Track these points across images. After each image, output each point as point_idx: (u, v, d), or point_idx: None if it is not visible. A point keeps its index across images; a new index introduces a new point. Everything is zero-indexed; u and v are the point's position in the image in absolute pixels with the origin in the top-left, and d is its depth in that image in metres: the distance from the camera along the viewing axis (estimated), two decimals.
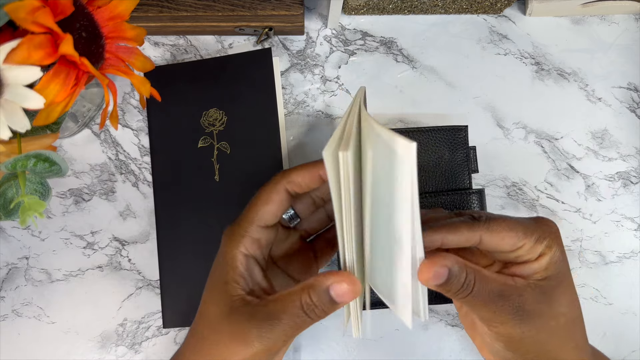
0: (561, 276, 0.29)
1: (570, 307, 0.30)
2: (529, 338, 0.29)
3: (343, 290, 0.27)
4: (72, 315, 0.43)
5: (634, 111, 0.46)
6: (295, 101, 0.46)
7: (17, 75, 0.24)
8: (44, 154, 0.27)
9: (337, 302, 0.27)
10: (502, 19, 0.47)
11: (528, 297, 0.28)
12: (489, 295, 0.28)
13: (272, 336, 0.27)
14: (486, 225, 0.29)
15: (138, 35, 0.32)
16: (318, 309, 0.27)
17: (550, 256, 0.29)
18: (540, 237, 0.29)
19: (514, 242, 0.29)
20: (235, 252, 0.30)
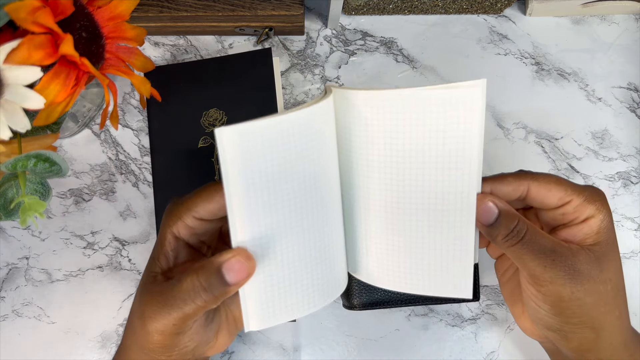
0: (611, 243, 0.29)
1: (618, 275, 0.29)
2: (577, 300, 0.28)
3: (236, 266, 0.25)
4: (72, 315, 0.43)
5: (634, 111, 0.46)
6: (295, 101, 0.46)
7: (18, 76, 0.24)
8: (44, 154, 0.27)
9: (230, 283, 0.25)
10: (502, 19, 0.47)
11: (581, 258, 0.28)
12: (541, 248, 0.28)
13: (160, 318, 0.26)
14: (534, 176, 0.29)
15: (138, 35, 0.32)
16: (206, 293, 0.25)
17: (601, 219, 0.29)
18: (589, 198, 0.29)
19: (561, 195, 0.29)
20: (167, 231, 0.29)
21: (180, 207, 0.29)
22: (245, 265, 0.25)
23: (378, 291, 0.39)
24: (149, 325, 0.27)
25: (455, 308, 0.43)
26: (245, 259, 0.25)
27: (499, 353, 0.43)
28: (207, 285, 0.25)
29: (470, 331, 0.43)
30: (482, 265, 0.43)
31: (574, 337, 0.30)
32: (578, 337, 0.30)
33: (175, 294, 0.26)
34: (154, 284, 0.28)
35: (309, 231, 0.27)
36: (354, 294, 0.40)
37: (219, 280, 0.25)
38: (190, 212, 0.29)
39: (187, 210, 0.29)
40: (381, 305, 0.40)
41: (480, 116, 0.25)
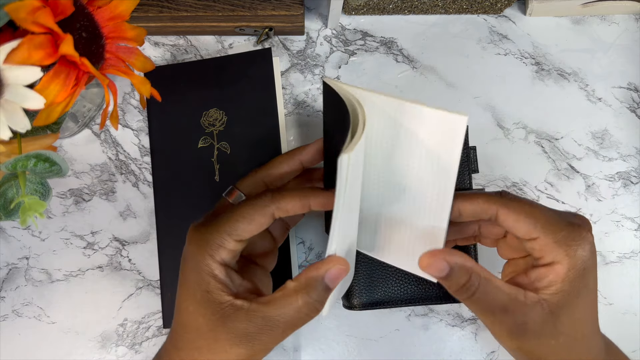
0: (575, 294, 0.27)
1: (576, 328, 0.28)
2: (526, 352, 0.29)
3: (337, 273, 0.28)
4: (72, 315, 0.43)
5: (634, 111, 0.46)
6: (295, 101, 0.46)
7: (18, 76, 0.24)
8: (44, 154, 0.27)
9: (332, 288, 0.28)
10: (502, 19, 0.47)
11: (534, 316, 0.27)
12: (490, 305, 0.27)
13: (269, 338, 0.27)
14: (505, 202, 0.28)
15: (138, 35, 0.32)
16: (318, 303, 0.28)
17: (568, 267, 0.27)
18: (561, 240, 0.27)
19: (527, 229, 0.27)
20: (211, 261, 0.29)
21: (216, 234, 0.29)
22: (344, 269, 0.28)
23: (378, 291, 0.39)
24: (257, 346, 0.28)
25: (455, 308, 0.43)
26: (343, 264, 0.28)
27: (499, 353, 0.43)
28: (317, 297, 0.28)
29: (470, 331, 0.43)
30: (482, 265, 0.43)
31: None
32: None
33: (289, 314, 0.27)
34: (242, 310, 0.28)
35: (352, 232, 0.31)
36: (354, 294, 0.40)
37: (323, 289, 0.28)
38: (232, 237, 0.29)
39: (227, 236, 0.29)
40: (381, 305, 0.40)
41: (460, 145, 0.27)
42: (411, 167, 0.29)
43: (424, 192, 0.29)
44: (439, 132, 0.27)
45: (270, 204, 0.29)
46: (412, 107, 0.27)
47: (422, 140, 0.28)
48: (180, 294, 0.30)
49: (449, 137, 0.27)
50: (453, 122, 0.26)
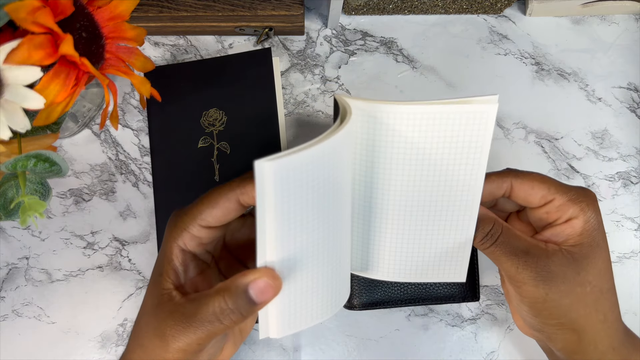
0: (595, 245, 0.29)
1: (600, 277, 0.29)
2: (552, 301, 0.28)
3: (263, 286, 0.25)
4: (72, 315, 0.43)
5: (634, 111, 0.46)
6: (295, 101, 0.46)
7: (18, 76, 0.24)
8: (44, 154, 0.27)
9: (257, 303, 0.25)
10: (502, 19, 0.47)
11: (556, 260, 0.28)
12: (513, 249, 0.28)
13: (184, 338, 0.26)
14: (517, 174, 0.30)
15: (138, 35, 0.32)
16: (234, 314, 0.26)
17: (585, 220, 0.28)
18: (574, 198, 0.29)
19: (544, 193, 0.29)
20: (173, 244, 0.28)
21: (184, 218, 0.29)
22: (272, 285, 0.25)
23: (378, 291, 0.39)
24: (172, 344, 0.26)
25: (455, 308, 0.43)
26: (272, 279, 0.25)
27: (499, 353, 0.43)
28: (235, 306, 0.25)
29: (470, 331, 0.43)
30: (482, 266, 0.43)
31: (557, 338, 0.30)
32: (561, 339, 0.30)
33: (202, 316, 0.26)
34: (171, 302, 0.27)
35: (328, 248, 0.28)
36: (354, 294, 0.40)
37: (246, 300, 0.25)
38: (196, 221, 0.28)
39: (192, 220, 0.28)
40: (381, 305, 0.40)
41: (492, 131, 0.27)
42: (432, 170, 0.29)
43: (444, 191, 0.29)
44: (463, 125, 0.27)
45: (236, 188, 0.28)
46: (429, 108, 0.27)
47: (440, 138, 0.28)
48: None
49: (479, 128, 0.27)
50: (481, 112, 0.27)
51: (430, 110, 0.27)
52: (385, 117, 0.28)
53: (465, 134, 0.28)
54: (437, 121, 0.27)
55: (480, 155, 0.28)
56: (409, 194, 0.30)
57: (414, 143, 0.28)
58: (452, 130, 0.28)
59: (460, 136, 0.28)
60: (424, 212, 0.30)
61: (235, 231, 0.34)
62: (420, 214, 0.30)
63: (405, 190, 0.30)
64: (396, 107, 0.27)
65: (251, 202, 0.28)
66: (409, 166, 0.29)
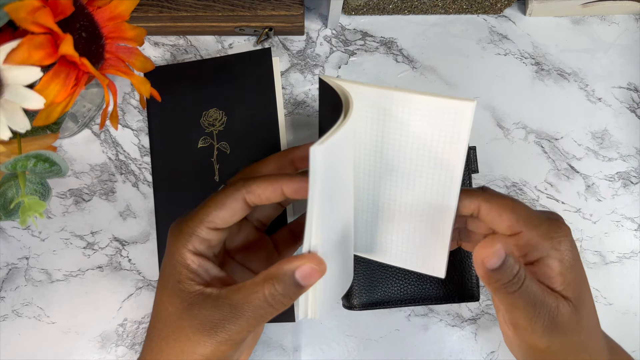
0: (580, 284, 0.27)
1: (590, 316, 0.28)
2: (552, 353, 0.28)
3: (309, 271, 0.26)
4: (72, 315, 0.43)
5: (634, 111, 0.46)
6: (295, 101, 0.46)
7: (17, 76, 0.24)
8: (44, 154, 0.27)
9: (303, 286, 0.26)
10: (502, 19, 0.47)
11: (563, 310, 0.27)
12: (533, 297, 0.26)
13: (235, 327, 0.26)
14: (487, 197, 0.28)
15: (138, 35, 0.32)
16: (285, 298, 0.26)
17: (559, 260, 0.27)
18: (545, 233, 0.27)
19: (511, 223, 0.27)
20: (184, 250, 0.28)
21: (190, 223, 0.29)
22: (317, 269, 0.26)
23: (378, 291, 0.39)
24: (221, 334, 0.26)
25: (455, 308, 0.43)
26: (317, 264, 0.26)
27: (499, 353, 0.43)
28: (285, 291, 0.26)
29: (470, 331, 0.43)
30: None
31: None
32: None
33: (254, 303, 0.26)
34: (210, 297, 0.27)
35: (346, 229, 0.29)
36: (354, 294, 0.40)
37: (294, 285, 0.26)
38: (204, 224, 0.28)
39: (199, 223, 0.28)
40: (381, 305, 0.40)
41: (467, 130, 0.26)
42: (409, 159, 0.28)
43: (425, 186, 0.29)
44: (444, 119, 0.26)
45: (242, 187, 0.28)
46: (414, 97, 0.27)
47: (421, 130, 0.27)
48: (157, 286, 0.30)
49: (455, 124, 0.26)
50: (459, 109, 0.26)
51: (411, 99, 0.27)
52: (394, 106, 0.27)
53: (437, 129, 0.27)
54: (412, 110, 0.27)
55: (456, 158, 0.27)
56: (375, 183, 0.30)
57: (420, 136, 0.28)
58: (424, 123, 0.27)
59: (434, 131, 0.27)
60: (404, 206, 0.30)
61: (233, 235, 0.34)
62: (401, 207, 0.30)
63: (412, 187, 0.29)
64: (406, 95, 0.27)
65: (257, 201, 0.29)
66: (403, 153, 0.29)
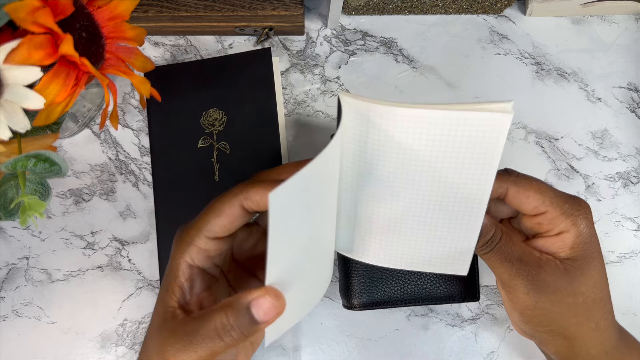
0: (588, 257, 0.29)
1: (593, 289, 0.29)
2: (542, 309, 0.29)
3: (266, 307, 0.24)
4: (72, 315, 0.43)
5: (634, 111, 0.46)
6: (295, 101, 0.46)
7: (17, 76, 0.24)
8: (44, 154, 0.27)
9: (259, 322, 0.24)
10: (502, 19, 0.47)
11: (548, 269, 0.28)
12: (508, 255, 0.29)
13: (185, 357, 0.25)
14: (515, 179, 0.29)
15: (138, 35, 0.32)
16: (235, 332, 0.25)
17: (576, 235, 0.28)
18: (567, 211, 0.29)
19: (538, 204, 0.29)
20: (180, 260, 0.28)
21: (190, 231, 0.28)
22: (275, 305, 0.25)
23: (378, 291, 0.39)
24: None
25: (455, 308, 0.43)
26: (274, 298, 0.25)
27: (498, 353, 0.43)
28: (237, 324, 0.25)
29: (470, 331, 0.43)
30: (481, 266, 0.43)
31: (548, 344, 0.31)
32: (552, 344, 0.30)
33: (203, 333, 0.25)
34: (174, 320, 0.27)
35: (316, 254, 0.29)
36: (354, 294, 0.40)
37: (248, 319, 0.24)
38: (202, 233, 0.28)
39: (198, 232, 0.28)
40: (381, 305, 0.40)
41: (503, 143, 0.26)
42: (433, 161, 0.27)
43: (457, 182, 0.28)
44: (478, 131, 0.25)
45: (239, 193, 0.27)
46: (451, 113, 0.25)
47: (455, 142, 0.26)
48: None
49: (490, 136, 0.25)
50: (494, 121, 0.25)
51: (430, 115, 0.25)
52: (378, 118, 0.26)
53: (474, 144, 0.25)
54: (439, 127, 0.25)
55: (489, 170, 0.27)
56: (400, 199, 0.29)
57: (408, 148, 0.26)
58: (455, 138, 0.25)
59: (465, 146, 0.26)
60: (421, 218, 0.29)
61: (242, 242, 0.33)
62: (417, 219, 0.29)
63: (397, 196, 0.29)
64: (390, 109, 0.25)
65: (255, 207, 0.28)
66: (400, 172, 0.27)
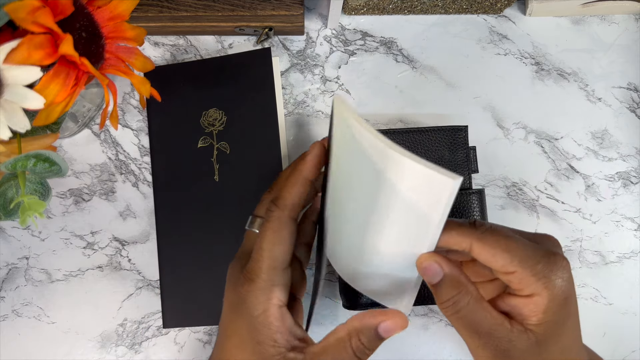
0: (560, 323, 0.27)
1: (564, 352, 0.27)
2: None
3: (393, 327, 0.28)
4: (72, 315, 0.43)
5: (634, 111, 0.46)
6: (295, 101, 0.46)
7: (17, 75, 0.24)
8: (44, 154, 0.27)
9: (384, 338, 0.28)
10: (502, 19, 0.47)
11: (518, 344, 0.26)
12: (476, 326, 0.26)
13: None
14: (480, 234, 0.27)
15: (138, 35, 0.32)
16: (370, 350, 0.28)
17: (549, 299, 0.26)
18: (540, 272, 0.26)
19: (505, 263, 0.26)
20: (268, 305, 0.28)
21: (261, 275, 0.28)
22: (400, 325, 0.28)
23: None
24: None
25: None
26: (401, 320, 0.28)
27: None
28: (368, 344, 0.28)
29: None
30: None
31: None
32: None
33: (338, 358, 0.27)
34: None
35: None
36: (354, 294, 0.40)
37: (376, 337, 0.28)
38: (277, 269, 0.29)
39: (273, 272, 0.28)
40: (381, 305, 0.39)
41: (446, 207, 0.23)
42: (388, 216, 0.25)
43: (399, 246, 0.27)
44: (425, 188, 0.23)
45: (284, 210, 0.29)
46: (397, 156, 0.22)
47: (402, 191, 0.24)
48: (228, 344, 0.29)
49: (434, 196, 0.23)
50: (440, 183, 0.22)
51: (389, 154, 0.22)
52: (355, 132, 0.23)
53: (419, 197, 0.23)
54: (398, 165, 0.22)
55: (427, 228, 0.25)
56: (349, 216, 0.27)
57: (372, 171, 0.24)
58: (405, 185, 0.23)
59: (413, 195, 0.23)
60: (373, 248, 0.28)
61: None
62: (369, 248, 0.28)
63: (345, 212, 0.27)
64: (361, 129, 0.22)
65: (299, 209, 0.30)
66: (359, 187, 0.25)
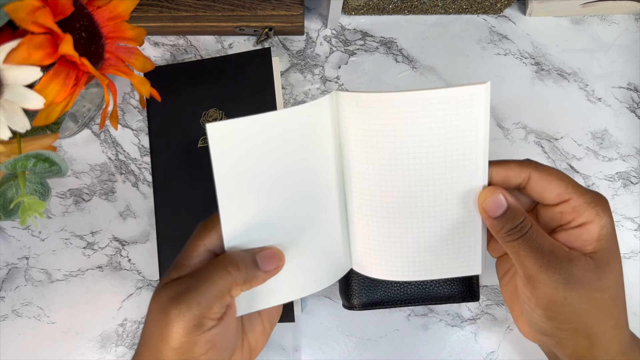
0: (613, 251, 0.28)
1: (617, 284, 0.29)
2: (569, 306, 0.28)
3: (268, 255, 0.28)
4: (72, 315, 0.43)
5: (634, 111, 0.46)
6: (295, 101, 0.46)
7: (17, 76, 0.24)
8: (44, 154, 0.27)
9: (260, 268, 0.28)
10: (502, 19, 0.47)
11: (579, 264, 0.28)
12: (540, 247, 0.28)
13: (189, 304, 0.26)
14: (537, 166, 0.29)
15: (138, 35, 0.32)
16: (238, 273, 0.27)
17: (601, 226, 0.28)
18: (590, 201, 0.28)
19: (560, 191, 0.28)
20: (198, 243, 0.30)
21: (214, 218, 0.30)
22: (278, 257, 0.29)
23: (378, 291, 0.39)
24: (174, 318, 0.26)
25: (455, 308, 0.43)
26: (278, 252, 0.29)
27: (498, 353, 0.43)
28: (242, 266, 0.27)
29: (470, 331, 0.43)
30: None
31: (567, 344, 0.29)
32: (572, 344, 0.29)
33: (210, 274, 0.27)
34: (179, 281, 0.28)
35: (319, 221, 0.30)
36: (354, 294, 0.40)
37: (252, 264, 0.28)
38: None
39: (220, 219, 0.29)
40: (381, 305, 0.40)
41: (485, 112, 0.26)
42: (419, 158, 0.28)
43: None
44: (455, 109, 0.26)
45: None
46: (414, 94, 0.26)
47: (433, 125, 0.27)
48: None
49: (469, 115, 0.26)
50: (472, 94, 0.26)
51: (414, 97, 0.26)
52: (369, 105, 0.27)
53: (458, 119, 0.27)
54: (426, 108, 0.27)
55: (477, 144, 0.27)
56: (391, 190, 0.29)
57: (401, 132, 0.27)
58: (440, 116, 0.27)
59: (452, 122, 0.27)
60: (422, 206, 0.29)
61: None
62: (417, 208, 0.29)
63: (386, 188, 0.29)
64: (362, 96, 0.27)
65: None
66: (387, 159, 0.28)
